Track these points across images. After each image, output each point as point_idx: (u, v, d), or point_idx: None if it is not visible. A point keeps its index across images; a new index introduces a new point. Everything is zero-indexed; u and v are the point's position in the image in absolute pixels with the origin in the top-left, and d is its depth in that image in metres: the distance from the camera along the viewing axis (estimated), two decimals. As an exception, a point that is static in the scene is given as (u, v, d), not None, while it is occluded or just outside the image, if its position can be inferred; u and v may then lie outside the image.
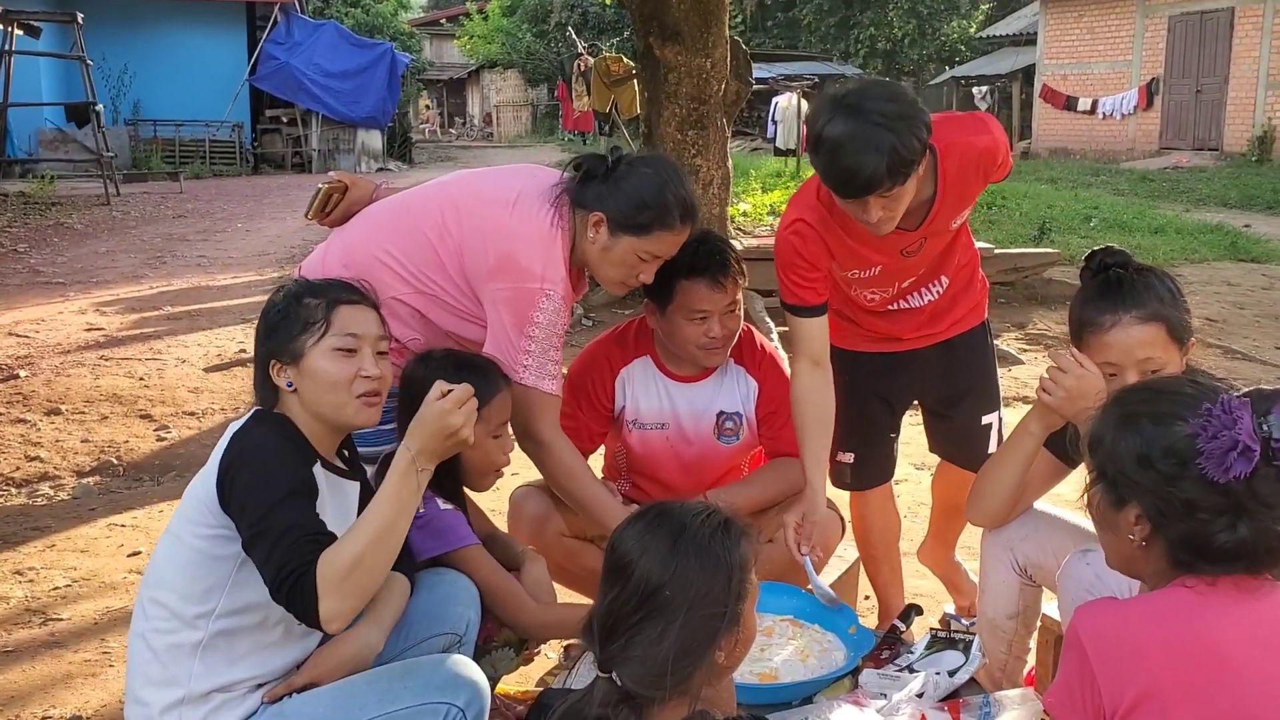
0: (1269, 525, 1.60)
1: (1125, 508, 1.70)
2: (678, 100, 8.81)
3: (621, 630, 1.70)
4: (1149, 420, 1.67)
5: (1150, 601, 1.68)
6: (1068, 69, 25.20)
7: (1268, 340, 7.82)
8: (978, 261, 3.11)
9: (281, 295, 2.19)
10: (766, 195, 13.77)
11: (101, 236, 13.11)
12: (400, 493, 2.00)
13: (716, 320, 2.93)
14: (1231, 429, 1.58)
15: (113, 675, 3.14)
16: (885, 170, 2.40)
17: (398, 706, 1.98)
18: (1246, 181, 17.63)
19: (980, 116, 2.84)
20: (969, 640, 2.73)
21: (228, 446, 2.04)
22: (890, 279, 2.93)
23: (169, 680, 2.01)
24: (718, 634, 1.70)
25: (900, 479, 4.79)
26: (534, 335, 2.57)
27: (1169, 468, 1.63)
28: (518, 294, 2.56)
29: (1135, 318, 2.30)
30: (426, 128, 43.35)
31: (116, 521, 4.44)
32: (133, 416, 5.95)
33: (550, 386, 2.63)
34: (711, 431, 3.13)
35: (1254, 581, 1.64)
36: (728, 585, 1.72)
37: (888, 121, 2.39)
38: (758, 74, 14.92)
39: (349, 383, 2.12)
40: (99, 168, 16.43)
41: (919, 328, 3.07)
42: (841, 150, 2.42)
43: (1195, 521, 1.62)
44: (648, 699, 1.68)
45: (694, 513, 1.78)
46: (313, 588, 1.88)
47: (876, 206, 2.50)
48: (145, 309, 8.85)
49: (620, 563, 1.75)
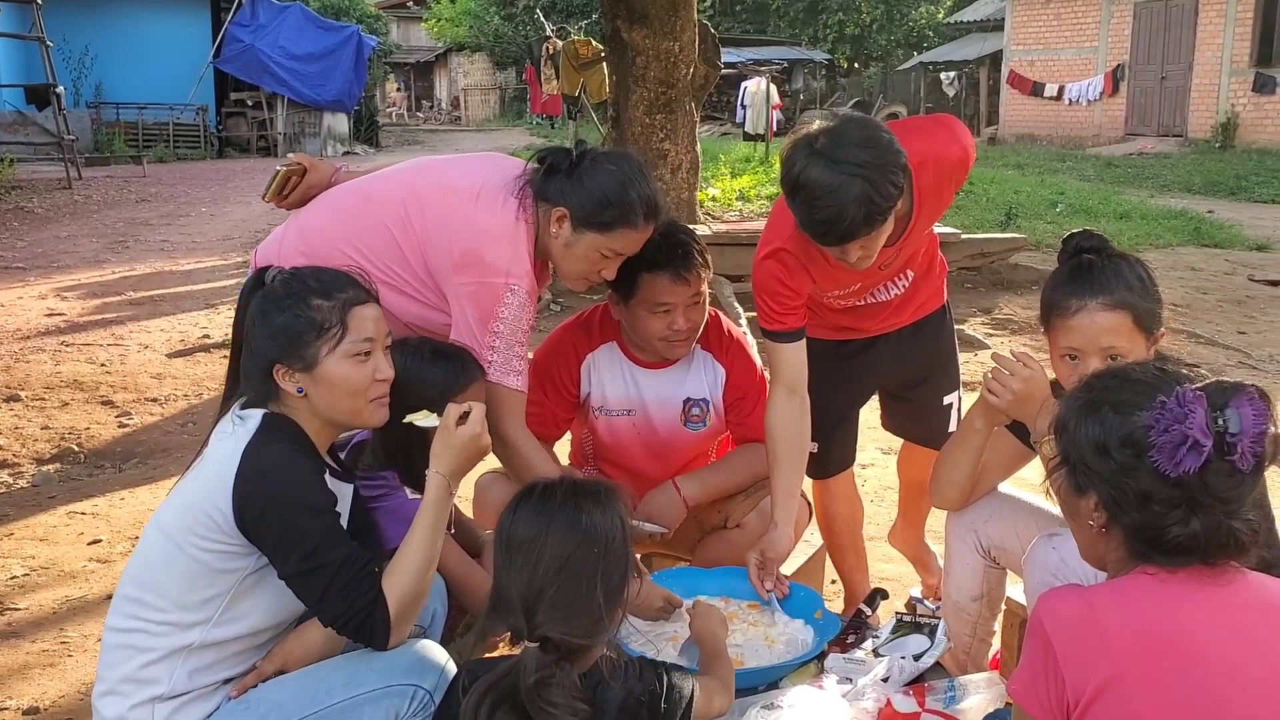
0: (1222, 520, 1.59)
1: (1085, 495, 1.70)
2: (646, 84, 8.77)
3: (545, 599, 1.84)
4: (1111, 408, 1.66)
5: (1113, 588, 1.67)
6: (1035, 55, 25.32)
7: (1230, 325, 7.89)
8: (936, 244, 3.09)
9: (283, 294, 2.09)
10: (735, 180, 13.75)
11: (63, 221, 12.94)
12: (439, 520, 2.09)
13: (680, 313, 2.91)
14: (1183, 423, 1.57)
15: (71, 665, 3.10)
16: (863, 220, 2.38)
17: (364, 690, 1.98)
18: (1210, 167, 17.79)
19: (946, 123, 2.81)
20: (934, 624, 2.74)
21: (243, 465, 1.96)
22: (865, 290, 2.93)
23: (151, 679, 1.99)
24: (627, 575, 1.93)
25: (868, 463, 4.81)
26: (499, 331, 2.55)
27: (1125, 458, 1.63)
28: (482, 289, 2.53)
29: (1101, 304, 2.29)
30: (394, 111, 43.03)
31: (76, 509, 4.38)
32: (94, 403, 5.88)
33: (515, 382, 2.60)
34: (678, 418, 3.12)
35: (1218, 570, 1.63)
36: (623, 530, 1.94)
37: (863, 171, 2.35)
38: (727, 58, 14.91)
39: (367, 387, 2.10)
40: (60, 151, 16.23)
41: (883, 320, 3.06)
42: (817, 202, 2.39)
43: (1149, 513, 1.62)
44: (581, 649, 1.87)
45: (568, 486, 1.97)
46: (385, 623, 1.97)
47: (855, 249, 2.49)
48: (107, 294, 8.75)
49: (523, 543, 1.89)
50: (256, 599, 2.02)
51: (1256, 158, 18.64)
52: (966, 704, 2.43)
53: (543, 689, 1.82)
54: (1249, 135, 20.22)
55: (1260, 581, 1.66)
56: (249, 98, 23.29)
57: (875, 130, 2.44)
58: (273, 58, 22.46)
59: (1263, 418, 1.59)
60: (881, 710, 2.46)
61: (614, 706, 1.89)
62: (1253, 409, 1.59)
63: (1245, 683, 1.53)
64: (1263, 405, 1.60)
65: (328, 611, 1.97)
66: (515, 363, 2.59)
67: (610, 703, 1.89)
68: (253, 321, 2.11)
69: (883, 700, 2.46)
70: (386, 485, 2.49)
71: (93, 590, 3.59)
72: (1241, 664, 1.55)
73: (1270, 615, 1.61)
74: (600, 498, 1.95)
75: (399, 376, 2.37)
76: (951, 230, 9.16)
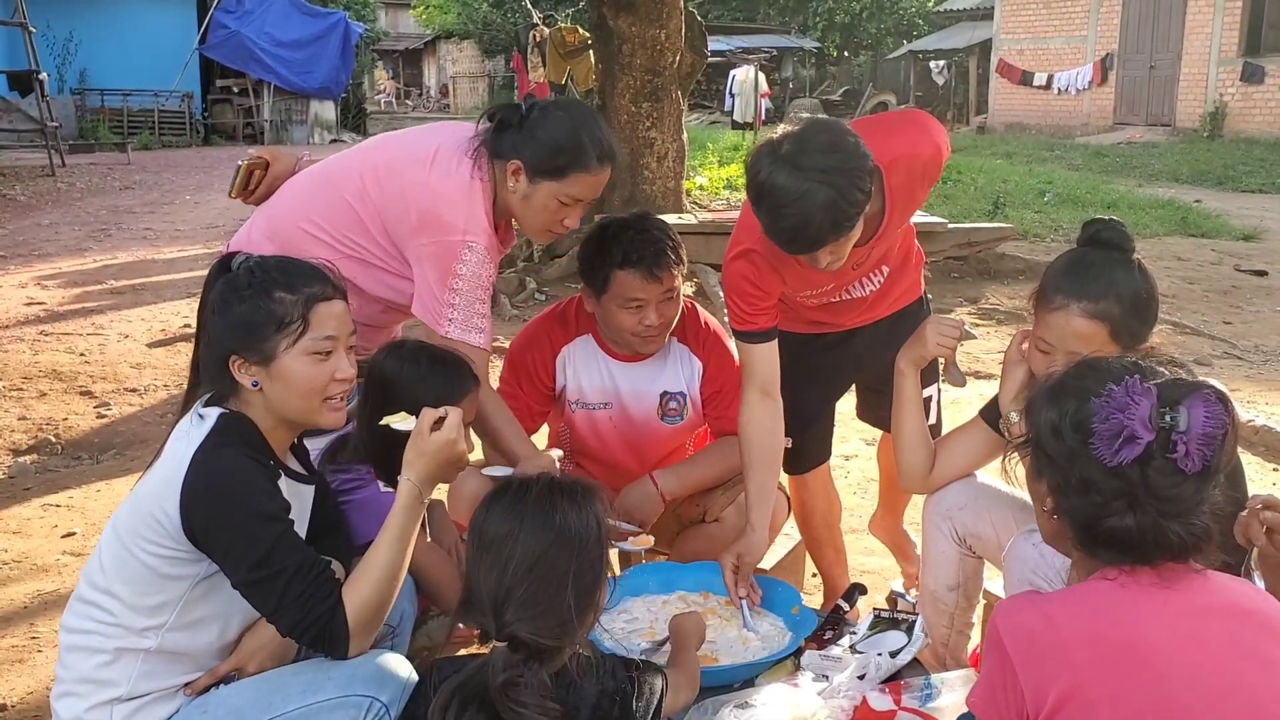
0: (1156, 519, 1.56)
1: (1041, 478, 1.69)
2: (632, 72, 8.73)
3: (514, 598, 1.81)
4: (1073, 394, 1.64)
5: (1070, 596, 1.63)
6: (1024, 44, 25.30)
7: (1216, 315, 7.89)
8: (913, 236, 3.06)
9: (245, 283, 2.02)
10: (723, 169, 13.72)
11: (45, 208, 12.86)
12: (408, 528, 2.01)
13: (653, 309, 2.88)
14: (1123, 412, 1.55)
15: (41, 661, 3.06)
16: (830, 227, 2.34)
17: (320, 698, 1.93)
18: (1198, 157, 17.81)
19: (918, 120, 2.77)
20: (912, 620, 2.71)
21: (191, 472, 1.90)
22: (838, 289, 2.89)
23: (107, 680, 1.95)
24: (601, 578, 1.90)
25: (851, 454, 4.79)
26: (458, 288, 2.54)
27: (1074, 442, 1.60)
28: (440, 248, 2.53)
29: (1082, 310, 2.23)
30: (383, 98, 42.83)
31: (51, 501, 4.33)
32: (72, 393, 5.82)
33: (477, 340, 2.58)
34: (655, 411, 3.09)
35: (1175, 568, 1.59)
36: (599, 530, 1.90)
37: (829, 177, 2.31)
38: (715, 47, 14.86)
39: (324, 387, 2.03)
40: (43, 138, 16.11)
41: (859, 315, 3.03)
42: (783, 211, 2.35)
43: (1089, 502, 1.59)
44: (552, 650, 1.83)
45: (544, 484, 1.93)
46: (344, 632, 1.92)
47: (825, 255, 2.46)
48: (88, 283, 8.68)
49: (495, 540, 1.85)
50: (212, 605, 1.97)
51: (1244, 147, 18.68)
52: (942, 702, 2.40)
53: (511, 689, 1.79)
54: (1237, 125, 20.25)
55: (1222, 583, 1.63)
56: (235, 85, 23.13)
57: (841, 134, 2.40)
58: (259, 44, 22.31)
59: (1215, 421, 1.55)
60: (857, 708, 2.43)
61: (587, 705, 1.86)
62: (1205, 410, 1.55)
63: (1205, 693, 1.50)
64: (1218, 408, 1.56)
65: (284, 620, 1.92)
66: (476, 320, 2.57)
67: (584, 701, 1.86)
68: (213, 309, 2.04)
69: (858, 698, 2.43)
70: (360, 478, 2.46)
71: (65, 584, 3.55)
72: (1202, 674, 1.51)
73: (1231, 621, 1.57)
74: (576, 497, 1.91)
75: (393, 380, 2.34)
76: (938, 219, 9.14)
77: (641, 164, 9.01)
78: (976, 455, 2.65)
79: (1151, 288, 2.30)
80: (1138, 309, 2.25)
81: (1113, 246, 2.32)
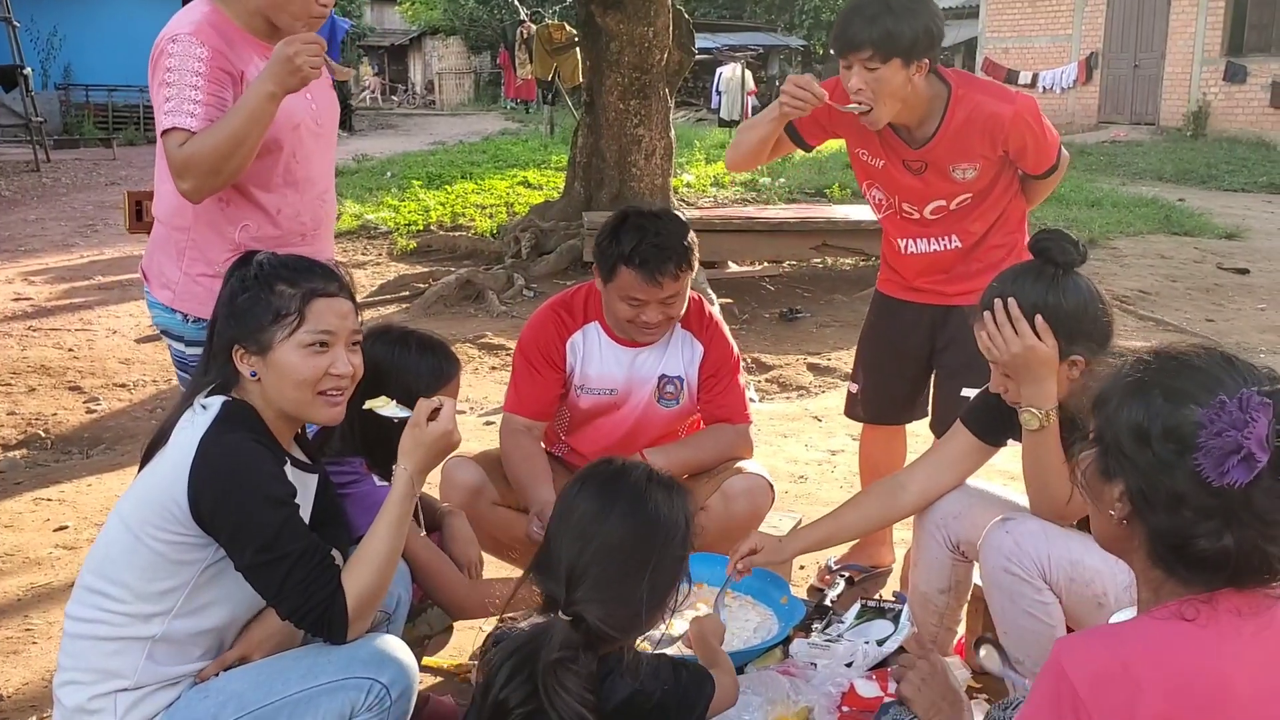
0: (1257, 542, 1.41)
1: (1112, 481, 1.52)
2: (620, 69, 8.76)
3: (589, 577, 1.81)
4: (1162, 394, 1.47)
5: (1146, 638, 1.46)
6: (1009, 42, 25.40)
7: (1198, 313, 7.96)
8: (1009, 253, 3.12)
9: (252, 274, 2.08)
10: (710, 166, 13.75)
11: (30, 204, 12.82)
12: (404, 516, 2.06)
13: (653, 308, 2.96)
14: (1240, 430, 1.37)
15: (36, 653, 3.08)
16: (869, 37, 2.75)
17: (321, 681, 1.95)
18: (1181, 156, 17.90)
19: (1014, 95, 3.06)
20: (898, 610, 2.76)
21: (199, 455, 1.94)
22: (892, 183, 3.12)
23: (113, 670, 1.98)
24: (677, 579, 1.90)
25: (838, 449, 4.83)
26: (170, 80, 2.47)
27: (1166, 452, 1.44)
28: (152, 65, 2.52)
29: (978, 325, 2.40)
30: (368, 94, 42.70)
31: (43, 496, 4.35)
32: (61, 388, 5.83)
33: (188, 122, 2.46)
34: (653, 394, 3.15)
35: (1255, 602, 1.44)
36: (686, 535, 1.91)
37: (896, 5, 2.76)
38: (702, 44, 14.87)
39: (316, 381, 2.06)
40: (28, 133, 16.03)
41: (922, 274, 3.23)
42: (845, 13, 2.84)
43: (1179, 518, 1.43)
44: (607, 640, 1.82)
45: (642, 472, 1.95)
46: (343, 617, 1.96)
47: (859, 75, 2.81)
48: (75, 278, 8.67)
49: (584, 517, 1.86)
50: (218, 591, 2.00)
51: (1227, 146, 18.78)
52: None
53: (560, 669, 1.79)
54: (1220, 124, 20.36)
55: None
56: (221, 80, 23.03)
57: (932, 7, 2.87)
58: (245, 39, 22.21)
59: None
60: (845, 695, 2.48)
61: (617, 699, 1.84)
62: None
63: None
64: None
65: (286, 604, 1.96)
66: (188, 105, 2.47)
67: (615, 694, 1.85)
68: (222, 300, 2.11)
69: (846, 685, 2.48)
70: (355, 472, 2.49)
71: (58, 577, 3.57)
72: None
73: None
74: (672, 492, 1.93)
75: (380, 365, 2.36)
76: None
77: (629, 161, 9.04)
78: (964, 465, 2.69)
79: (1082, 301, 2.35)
80: (1060, 321, 2.32)
81: (1048, 260, 2.38)
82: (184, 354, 2.69)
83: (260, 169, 2.57)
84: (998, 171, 3.06)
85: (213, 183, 2.48)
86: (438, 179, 13.53)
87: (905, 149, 3.03)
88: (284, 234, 2.65)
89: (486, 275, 8.48)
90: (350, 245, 10.11)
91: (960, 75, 3.06)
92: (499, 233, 9.98)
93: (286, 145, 2.62)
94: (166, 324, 2.73)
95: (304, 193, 2.70)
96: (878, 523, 2.96)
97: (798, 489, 4.30)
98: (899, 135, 3.02)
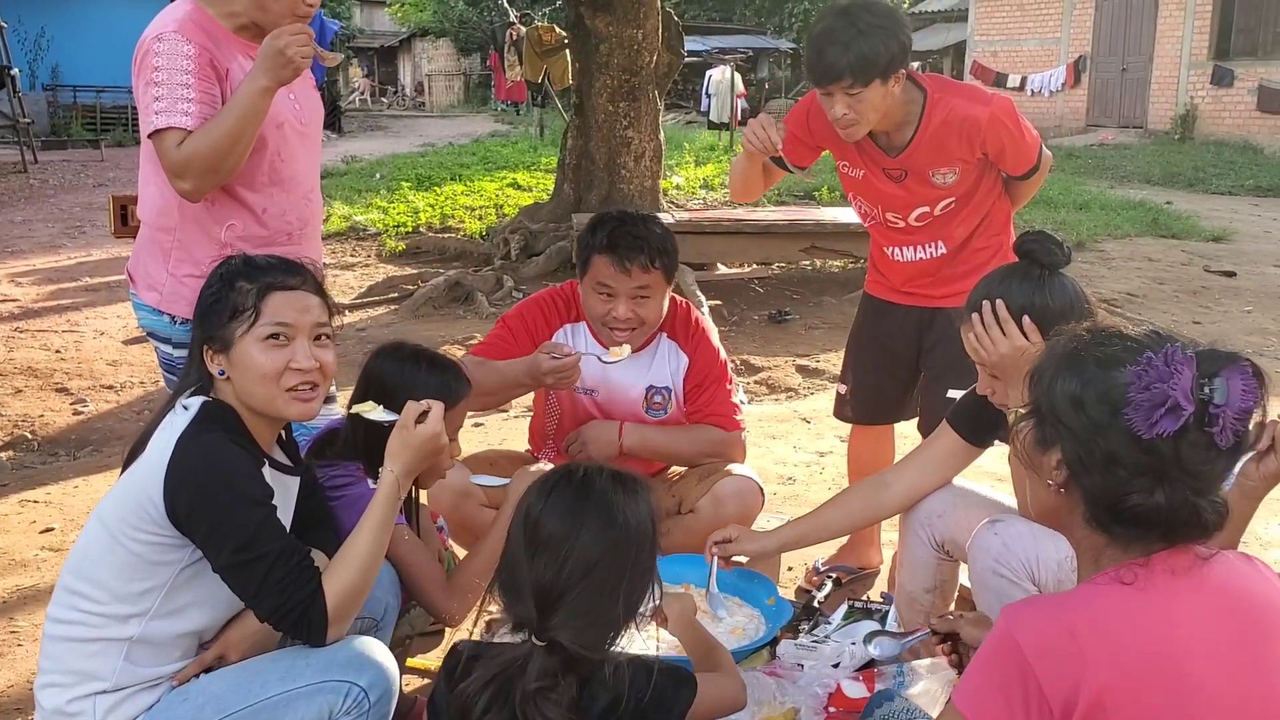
0: (1188, 496, 1.50)
1: (1050, 449, 1.59)
2: (609, 71, 8.77)
3: (565, 603, 1.74)
4: (1095, 362, 1.56)
5: (1089, 604, 1.52)
6: (998, 46, 25.48)
7: (1185, 314, 7.99)
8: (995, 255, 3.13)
9: (218, 274, 2.09)
10: (700, 168, 13.77)
11: (18, 205, 12.78)
12: (388, 518, 2.05)
13: (621, 301, 2.95)
14: (1166, 382, 1.46)
15: (21, 655, 3.06)
16: (847, 65, 2.72)
17: (299, 684, 1.94)
18: (1169, 159, 17.98)
19: (990, 96, 3.03)
20: (885, 611, 2.77)
21: (175, 455, 1.93)
22: (874, 193, 3.11)
23: (91, 672, 1.97)
24: (650, 585, 1.84)
25: (826, 451, 4.83)
26: (158, 79, 2.46)
27: (1099, 414, 1.52)
28: (136, 65, 2.51)
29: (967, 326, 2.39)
30: (358, 96, 42.64)
31: (29, 497, 4.33)
32: (48, 390, 5.81)
33: (183, 121, 2.45)
34: (640, 404, 3.15)
35: (1188, 562, 1.53)
36: (655, 538, 1.84)
37: (865, 26, 2.73)
38: (691, 47, 14.91)
39: (278, 375, 2.03)
40: (15, 134, 15.99)
41: (910, 279, 3.22)
42: (816, 43, 2.80)
43: (1112, 477, 1.52)
44: (588, 660, 1.76)
45: (606, 478, 1.84)
46: (322, 619, 1.94)
47: (841, 102, 2.80)
48: (63, 280, 8.65)
49: (553, 539, 1.77)
50: (196, 593, 1.99)
51: (1214, 149, 18.87)
52: (915, 690, 2.45)
53: (540, 699, 1.73)
54: (1207, 127, 20.46)
55: (1232, 571, 1.57)
56: (210, 82, 22.99)
57: (893, 7, 2.88)
58: (233, 41, 22.18)
59: (1251, 394, 1.49)
60: (831, 696, 2.48)
61: (597, 709, 1.79)
62: (1243, 383, 1.49)
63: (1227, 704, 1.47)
64: (1254, 382, 1.50)
65: (264, 605, 1.94)
66: (181, 104, 2.46)
67: (595, 704, 1.80)
68: (196, 303, 2.12)
69: (832, 685, 2.49)
70: (350, 476, 2.47)
71: (44, 579, 3.55)
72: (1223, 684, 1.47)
73: (1249, 623, 1.52)
74: (636, 494, 1.84)
75: (387, 380, 2.35)
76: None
77: (619, 163, 9.05)
78: (950, 465, 2.69)
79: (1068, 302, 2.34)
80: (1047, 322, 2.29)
81: (1034, 261, 2.38)
82: (171, 356, 2.68)
83: (246, 167, 2.57)
84: (979, 174, 3.06)
85: (212, 181, 2.49)
86: (427, 181, 13.53)
87: (884, 157, 3.03)
88: (271, 234, 2.65)
89: (475, 277, 8.48)
90: (339, 247, 10.10)
91: (935, 80, 3.07)
92: (488, 234, 9.99)
93: (271, 143, 2.61)
94: (153, 326, 2.72)
95: (290, 192, 2.70)
96: (861, 521, 2.95)
97: (786, 490, 4.30)
98: (877, 144, 3.02)
